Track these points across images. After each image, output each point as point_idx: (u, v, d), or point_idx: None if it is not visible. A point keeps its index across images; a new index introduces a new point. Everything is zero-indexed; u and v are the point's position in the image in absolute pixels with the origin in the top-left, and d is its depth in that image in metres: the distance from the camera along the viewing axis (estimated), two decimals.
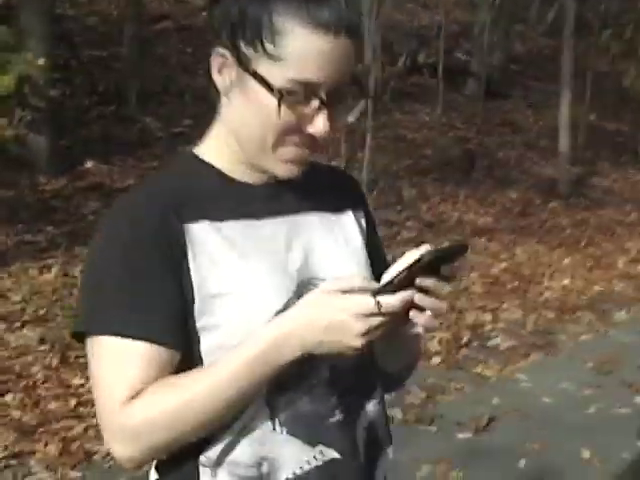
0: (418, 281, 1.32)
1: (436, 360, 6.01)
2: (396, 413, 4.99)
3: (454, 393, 5.39)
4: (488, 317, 7.00)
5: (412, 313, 1.34)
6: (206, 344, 1.38)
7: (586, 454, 4.42)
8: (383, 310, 1.29)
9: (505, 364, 5.92)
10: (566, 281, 8.12)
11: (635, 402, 5.04)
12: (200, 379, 1.34)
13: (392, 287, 1.31)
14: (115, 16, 13.54)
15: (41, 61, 7.87)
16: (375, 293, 1.31)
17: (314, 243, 1.50)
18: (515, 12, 19.15)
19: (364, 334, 1.30)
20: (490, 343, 6.41)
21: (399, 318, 1.34)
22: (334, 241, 1.53)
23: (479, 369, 5.83)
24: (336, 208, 1.58)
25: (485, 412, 4.95)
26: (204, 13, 15.61)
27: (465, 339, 6.47)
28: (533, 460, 4.38)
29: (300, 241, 1.48)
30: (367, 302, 1.30)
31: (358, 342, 1.31)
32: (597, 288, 7.92)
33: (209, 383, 1.33)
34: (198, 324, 1.37)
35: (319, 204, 1.55)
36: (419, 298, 1.32)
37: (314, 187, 1.54)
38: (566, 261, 8.94)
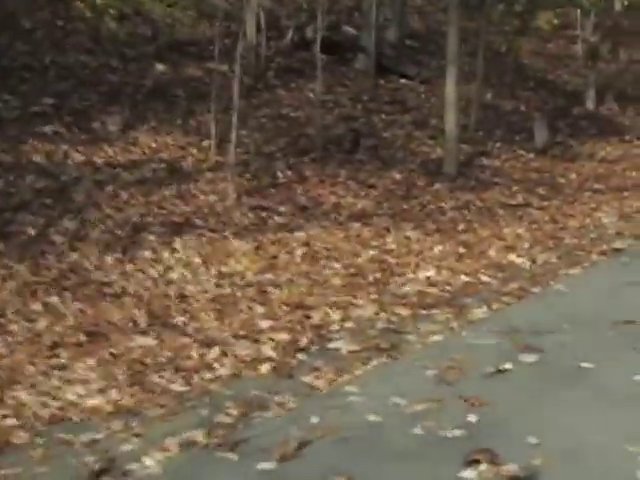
0: None
1: (266, 367, 5.35)
2: (198, 436, 4.31)
3: (274, 409, 4.71)
4: (337, 315, 6.35)
5: None
6: None
7: None
8: None
9: (340, 372, 5.25)
10: (431, 272, 7.50)
11: (468, 422, 4.34)
12: None
13: None
14: None
15: None
16: None
17: None
18: None
19: None
20: (331, 346, 5.76)
21: None
22: None
23: (310, 378, 5.16)
24: None
25: (298, 435, 4.28)
26: None
27: (305, 342, 5.83)
28: None
29: None
30: None
31: None
32: (462, 280, 7.28)
33: None
34: None
35: None
36: None
37: None
38: (437, 249, 8.34)
